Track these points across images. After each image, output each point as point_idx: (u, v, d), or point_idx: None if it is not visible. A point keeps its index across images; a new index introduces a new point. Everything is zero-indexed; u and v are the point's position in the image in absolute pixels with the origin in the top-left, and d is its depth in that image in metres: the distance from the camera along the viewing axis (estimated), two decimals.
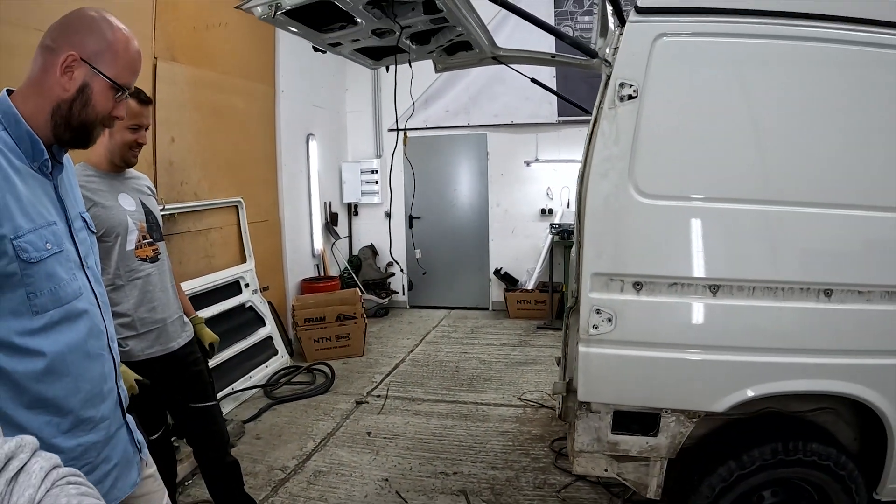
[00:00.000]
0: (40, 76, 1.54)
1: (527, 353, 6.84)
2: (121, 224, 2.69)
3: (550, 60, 3.95)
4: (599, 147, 2.49)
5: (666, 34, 2.42)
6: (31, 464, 0.82)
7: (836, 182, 2.45)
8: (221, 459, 3.17)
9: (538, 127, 8.53)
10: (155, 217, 2.92)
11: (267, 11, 2.75)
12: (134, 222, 2.75)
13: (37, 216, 1.49)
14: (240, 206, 6.09)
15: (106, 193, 2.69)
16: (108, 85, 1.58)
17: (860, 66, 2.39)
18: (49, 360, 1.49)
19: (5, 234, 1.40)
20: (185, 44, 5.33)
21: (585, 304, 2.56)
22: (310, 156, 7.93)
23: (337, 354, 6.70)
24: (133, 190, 2.84)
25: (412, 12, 2.95)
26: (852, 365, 2.48)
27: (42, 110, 1.54)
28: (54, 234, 1.54)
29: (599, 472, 2.79)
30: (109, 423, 1.70)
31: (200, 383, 3.06)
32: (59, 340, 1.52)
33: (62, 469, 0.86)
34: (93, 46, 1.55)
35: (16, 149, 1.49)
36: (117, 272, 2.70)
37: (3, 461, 0.78)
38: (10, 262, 1.41)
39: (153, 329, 2.81)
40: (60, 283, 1.53)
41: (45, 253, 1.48)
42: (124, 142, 2.70)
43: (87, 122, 1.59)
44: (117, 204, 2.71)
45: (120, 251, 2.70)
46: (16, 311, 1.45)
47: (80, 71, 1.54)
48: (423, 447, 4.50)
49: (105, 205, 2.65)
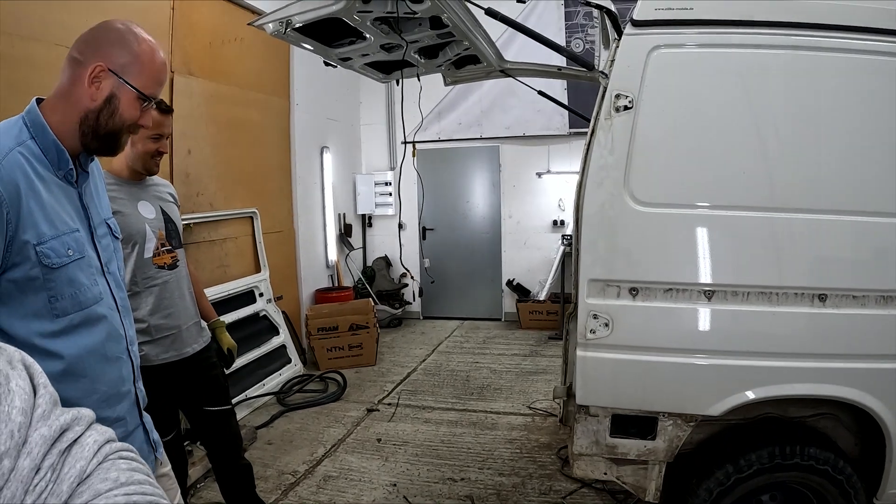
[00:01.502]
0: (68, 87, 1.60)
1: (537, 363, 6.88)
2: (139, 232, 2.74)
3: (556, 73, 4.02)
4: (595, 156, 2.56)
5: (660, 46, 2.49)
6: (85, 436, 0.83)
7: (833, 188, 2.50)
8: (235, 462, 3.23)
9: (550, 139, 8.60)
10: (175, 225, 2.95)
11: (278, 28, 2.84)
12: (152, 230, 2.80)
13: (60, 223, 1.56)
14: (255, 217, 6.20)
15: (125, 201, 2.72)
16: (135, 95, 1.63)
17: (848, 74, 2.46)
18: (67, 362, 1.55)
19: (28, 240, 1.47)
20: (202, 58, 5.48)
21: (583, 309, 2.62)
22: (324, 168, 8.04)
23: (349, 363, 6.78)
24: (154, 197, 2.88)
25: (419, 28, 3.03)
26: (847, 369, 2.51)
27: (70, 120, 1.59)
28: (76, 240, 1.60)
29: (598, 475, 2.84)
30: (126, 423, 1.75)
31: (215, 387, 3.11)
32: (77, 343, 1.58)
33: (116, 444, 0.87)
34: (120, 58, 1.60)
35: (42, 157, 1.55)
36: (134, 279, 2.74)
37: (59, 432, 0.79)
38: (32, 266, 1.48)
39: (168, 335, 2.85)
40: (81, 288, 1.59)
41: (66, 259, 1.55)
42: (146, 151, 2.75)
43: (115, 131, 1.65)
44: (136, 212, 2.76)
45: (137, 259, 2.74)
46: (38, 314, 1.51)
47: (108, 81, 1.59)
48: (432, 454, 4.56)
49: (124, 212, 2.67)
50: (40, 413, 0.78)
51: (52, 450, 0.78)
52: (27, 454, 0.74)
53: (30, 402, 0.77)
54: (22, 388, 0.77)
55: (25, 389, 0.77)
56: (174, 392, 2.95)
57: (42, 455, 0.76)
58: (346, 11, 2.68)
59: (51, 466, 0.76)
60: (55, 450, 0.78)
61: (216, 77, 5.67)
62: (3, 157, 1.46)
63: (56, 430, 0.79)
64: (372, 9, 2.70)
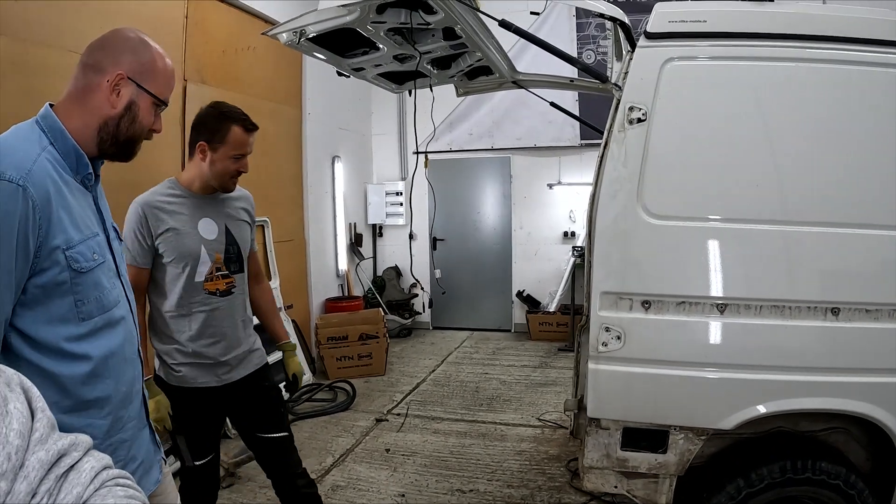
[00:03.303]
0: (84, 94, 1.62)
1: (547, 374, 6.85)
2: (191, 254, 2.54)
3: (568, 84, 4.04)
4: (609, 169, 2.56)
5: (674, 59, 2.50)
6: (82, 462, 0.83)
7: (846, 201, 2.50)
8: (295, 493, 2.88)
9: (561, 150, 8.60)
10: (238, 247, 2.72)
11: (292, 38, 2.86)
12: (209, 252, 2.58)
13: (85, 227, 1.58)
14: (265, 226, 6.22)
15: (184, 217, 2.56)
16: (152, 101, 1.68)
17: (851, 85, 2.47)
18: (94, 363, 1.58)
19: (58, 245, 1.49)
20: (215, 67, 5.52)
21: (595, 322, 2.61)
22: (335, 177, 8.07)
23: (359, 373, 6.77)
24: (222, 214, 2.68)
25: (432, 38, 3.04)
26: (860, 383, 2.49)
27: (89, 126, 1.62)
28: (99, 244, 1.63)
29: (609, 489, 2.82)
30: (136, 422, 1.77)
31: (268, 413, 2.84)
32: (102, 345, 1.60)
33: (112, 471, 0.87)
34: (136, 65, 1.64)
35: (63, 163, 1.57)
36: (181, 301, 2.56)
37: (56, 457, 0.79)
38: (61, 271, 1.50)
39: (210, 364, 2.64)
40: (104, 291, 1.62)
41: (92, 263, 1.57)
42: (226, 170, 2.59)
43: (134, 138, 1.69)
44: (194, 231, 2.57)
45: (187, 281, 2.55)
46: (64, 318, 1.53)
47: (127, 89, 1.63)
48: (441, 464, 4.55)
49: (179, 230, 2.53)
50: (38, 437, 0.78)
51: (49, 475, 0.78)
52: (24, 478, 0.74)
53: (27, 426, 0.77)
54: (20, 411, 0.77)
55: (23, 412, 0.77)
56: (216, 415, 2.77)
57: (39, 479, 0.76)
58: (360, 22, 2.70)
59: (47, 491, 0.76)
60: (52, 475, 0.78)
61: (229, 85, 5.70)
62: (33, 162, 1.47)
63: (53, 455, 0.79)
64: (385, 19, 2.72)
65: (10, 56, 3.49)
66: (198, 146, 2.58)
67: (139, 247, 2.50)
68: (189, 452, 2.60)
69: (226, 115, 2.59)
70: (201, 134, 2.58)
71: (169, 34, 4.82)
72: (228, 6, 5.72)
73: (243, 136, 2.60)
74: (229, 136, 2.56)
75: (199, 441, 2.69)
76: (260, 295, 3.01)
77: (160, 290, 2.59)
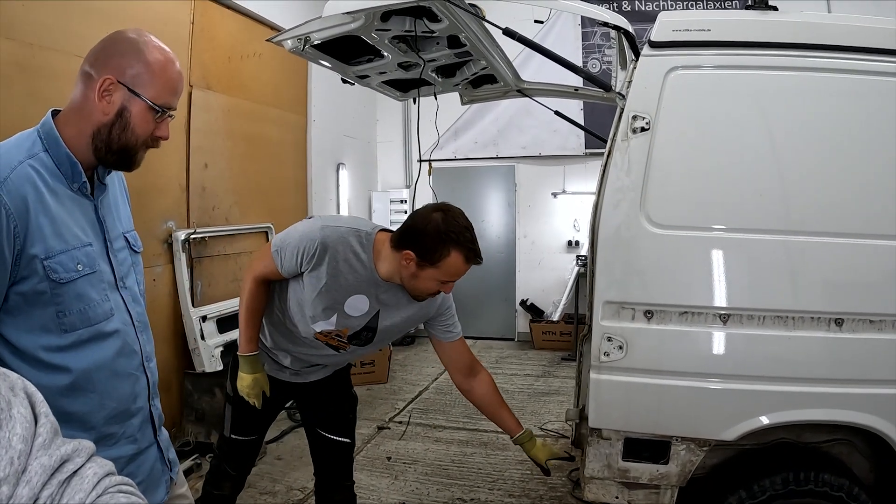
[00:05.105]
0: (81, 101, 1.56)
1: (550, 383, 6.83)
2: (319, 315, 2.36)
3: (572, 93, 4.04)
4: (612, 178, 2.55)
5: (678, 68, 2.49)
6: (85, 468, 0.82)
7: (850, 211, 2.49)
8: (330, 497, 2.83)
9: (566, 159, 8.59)
10: (374, 334, 2.47)
11: (296, 45, 2.86)
12: (338, 324, 2.39)
13: (71, 238, 1.53)
14: (270, 232, 6.21)
15: (344, 289, 2.32)
16: (147, 107, 1.57)
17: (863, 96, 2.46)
18: (74, 376, 1.52)
19: (36, 254, 1.45)
20: (220, 73, 5.54)
21: (597, 331, 2.60)
22: (340, 184, 8.07)
23: (361, 380, 6.73)
24: (389, 304, 2.43)
25: (436, 46, 3.04)
26: (864, 395, 2.48)
27: (83, 134, 1.56)
28: (87, 255, 1.57)
29: (610, 499, 2.80)
30: (137, 440, 1.71)
31: (333, 414, 2.78)
32: (86, 358, 1.55)
33: (115, 477, 0.86)
34: (130, 69, 1.54)
35: (56, 171, 1.53)
36: (290, 323, 2.47)
37: (59, 462, 0.79)
38: (40, 280, 1.46)
39: (280, 367, 2.64)
40: (90, 303, 1.56)
41: (74, 274, 1.52)
42: (427, 291, 2.31)
43: (129, 146, 1.60)
44: (339, 301, 2.35)
45: (303, 323, 2.42)
46: (45, 328, 1.49)
47: (118, 94, 1.54)
48: (442, 473, 4.53)
49: (335, 297, 2.32)
50: (41, 442, 0.78)
51: (52, 480, 0.77)
52: (26, 482, 0.74)
53: (31, 431, 0.77)
54: (23, 415, 0.77)
55: (27, 417, 0.77)
56: (276, 402, 2.70)
57: (41, 485, 0.75)
58: (365, 29, 2.70)
59: (50, 497, 0.76)
60: (54, 480, 0.78)
61: (234, 92, 5.72)
62: (11, 171, 1.44)
63: (56, 461, 0.79)
64: (390, 27, 2.72)
65: (16, 59, 3.51)
66: (404, 253, 2.22)
67: (292, 264, 2.31)
68: (231, 423, 2.66)
69: (450, 237, 2.22)
70: (414, 244, 2.21)
71: (175, 40, 4.82)
72: (234, 12, 5.74)
73: (461, 267, 2.25)
74: (446, 262, 2.22)
75: (246, 419, 2.68)
76: (478, 388, 2.65)
77: (284, 298, 2.50)
